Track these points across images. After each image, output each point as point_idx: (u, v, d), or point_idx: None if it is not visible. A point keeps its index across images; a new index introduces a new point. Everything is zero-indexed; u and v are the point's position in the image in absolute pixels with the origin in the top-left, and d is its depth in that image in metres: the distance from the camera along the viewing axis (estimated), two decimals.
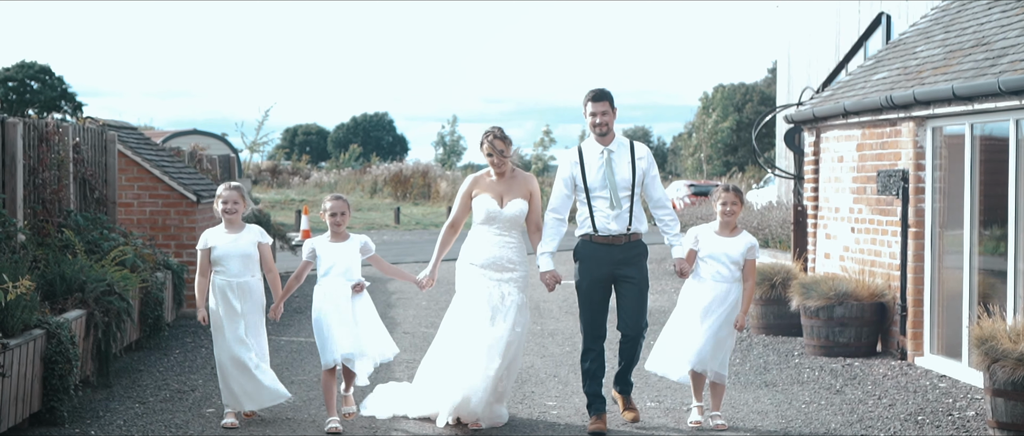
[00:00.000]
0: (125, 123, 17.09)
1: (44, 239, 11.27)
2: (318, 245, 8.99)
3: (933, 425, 9.21)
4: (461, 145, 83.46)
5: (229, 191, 9.06)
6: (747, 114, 67.10)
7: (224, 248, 8.98)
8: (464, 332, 8.89)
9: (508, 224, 9.05)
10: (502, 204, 9.05)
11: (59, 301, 9.93)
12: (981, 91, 10.21)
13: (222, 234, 9.05)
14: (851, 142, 13.30)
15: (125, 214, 14.97)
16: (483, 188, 9.14)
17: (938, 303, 11.76)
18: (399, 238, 32.33)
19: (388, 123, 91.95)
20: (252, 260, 9.04)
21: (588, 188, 8.92)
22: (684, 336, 9.06)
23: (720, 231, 9.05)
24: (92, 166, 13.44)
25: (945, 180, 11.66)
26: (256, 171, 51.99)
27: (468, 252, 9.13)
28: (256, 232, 9.11)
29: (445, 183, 47.56)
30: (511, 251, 9.04)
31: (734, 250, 9.00)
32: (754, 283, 9.18)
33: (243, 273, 8.97)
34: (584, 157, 9.00)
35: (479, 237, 9.09)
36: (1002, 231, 10.59)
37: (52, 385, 8.83)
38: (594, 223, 8.90)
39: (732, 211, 9.03)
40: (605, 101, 8.93)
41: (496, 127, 9.09)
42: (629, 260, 8.91)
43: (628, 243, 8.92)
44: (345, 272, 8.90)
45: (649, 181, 9.04)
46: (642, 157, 9.03)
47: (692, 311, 9.03)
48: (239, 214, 9.05)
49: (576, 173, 8.97)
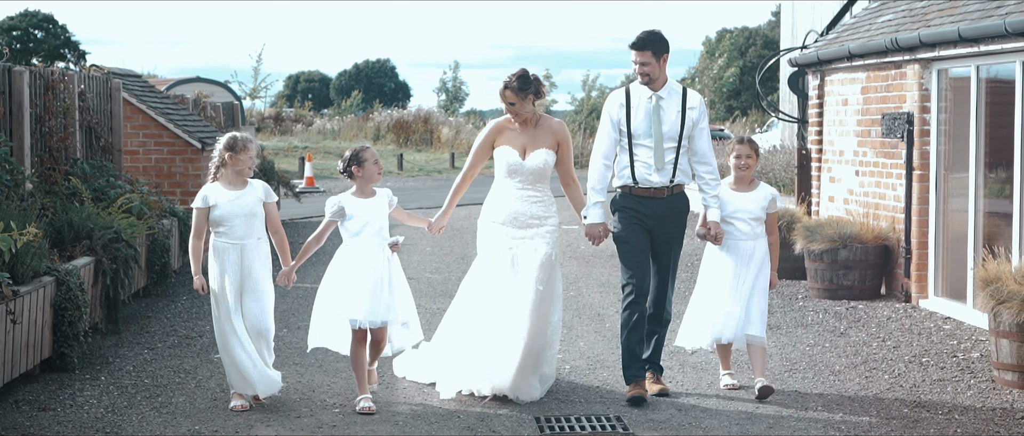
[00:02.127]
0: (130, 71, 17.09)
1: (51, 187, 11.31)
2: (347, 202, 8.05)
3: (938, 367, 9.26)
4: (463, 91, 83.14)
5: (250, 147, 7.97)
6: (751, 58, 66.87)
7: (226, 207, 7.90)
8: (484, 297, 8.22)
9: (532, 177, 8.28)
10: (524, 155, 8.28)
11: (67, 248, 9.98)
12: (987, 33, 10.18)
13: (223, 191, 7.96)
14: (856, 85, 13.28)
15: (131, 162, 15.00)
16: (505, 137, 8.37)
17: (943, 246, 11.80)
18: (402, 184, 32.37)
19: (390, 70, 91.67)
20: (258, 220, 8.00)
21: (632, 134, 8.20)
22: (713, 304, 8.49)
23: (736, 186, 8.53)
24: (98, 114, 13.45)
25: (950, 123, 11.66)
26: (259, 118, 51.91)
27: (488, 208, 8.40)
28: (261, 189, 8.06)
29: (447, 129, 47.48)
30: (536, 205, 8.29)
31: (753, 204, 8.49)
32: (778, 236, 8.67)
33: (248, 235, 7.93)
34: (631, 100, 8.24)
35: (500, 191, 8.37)
36: (1007, 174, 10.60)
37: (62, 332, 8.89)
38: (634, 173, 8.20)
39: (747, 164, 8.49)
40: (647, 50, 8.11)
41: (511, 76, 8.30)
42: (671, 215, 8.25)
43: (671, 196, 8.25)
44: (378, 231, 8.06)
45: (697, 133, 8.26)
46: (693, 106, 8.23)
47: (718, 276, 8.49)
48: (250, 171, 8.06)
49: (621, 117, 8.21)
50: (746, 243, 8.46)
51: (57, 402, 8.11)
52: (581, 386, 8.63)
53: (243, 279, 7.94)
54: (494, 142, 8.42)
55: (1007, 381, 8.58)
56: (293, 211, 21.80)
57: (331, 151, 41.51)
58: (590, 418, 7.76)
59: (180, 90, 33.01)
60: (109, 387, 8.55)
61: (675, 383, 8.70)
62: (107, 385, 8.61)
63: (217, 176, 8.00)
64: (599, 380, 8.81)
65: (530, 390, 8.13)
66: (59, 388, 8.48)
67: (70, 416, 7.79)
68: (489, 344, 8.08)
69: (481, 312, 8.20)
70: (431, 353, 8.62)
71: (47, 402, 8.10)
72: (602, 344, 10.11)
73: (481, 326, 8.17)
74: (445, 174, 37.25)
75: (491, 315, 8.13)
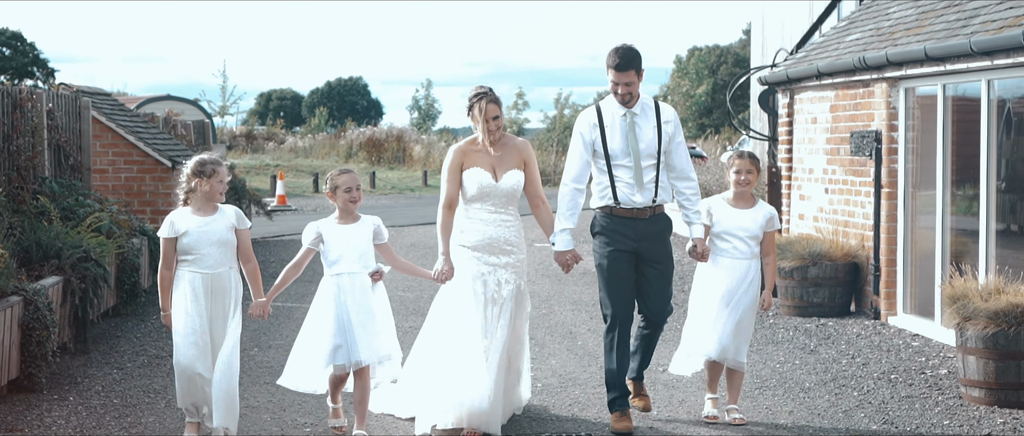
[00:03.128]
0: (99, 89, 17.01)
1: (19, 206, 11.25)
2: (325, 229, 7.58)
3: (906, 383, 9.31)
4: (436, 109, 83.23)
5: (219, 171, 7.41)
6: (722, 76, 67.14)
7: (196, 234, 7.32)
8: (456, 328, 7.75)
9: (504, 199, 7.87)
10: (496, 177, 7.85)
11: (35, 268, 9.93)
12: (953, 52, 10.28)
13: (192, 216, 7.38)
14: (825, 103, 13.36)
15: (100, 180, 14.94)
16: (472, 159, 7.87)
17: (911, 263, 11.87)
18: (375, 202, 32.33)
19: (363, 87, 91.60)
20: (230, 248, 7.42)
21: (609, 155, 7.87)
22: (703, 325, 8.14)
23: (734, 202, 8.12)
24: (66, 132, 13.39)
25: (918, 141, 11.74)
26: (230, 136, 51.80)
27: (457, 232, 7.91)
28: (233, 214, 7.48)
29: (419, 146, 47.49)
30: (508, 230, 7.88)
31: (752, 223, 8.10)
32: (775, 257, 8.31)
33: (220, 264, 7.36)
34: (604, 118, 7.92)
35: (470, 215, 7.89)
36: (974, 191, 10.69)
37: (30, 352, 8.84)
38: (615, 194, 7.87)
39: (747, 180, 8.07)
40: (631, 71, 7.80)
41: (486, 87, 7.89)
42: (654, 236, 7.92)
43: (653, 216, 7.94)
44: (360, 259, 7.56)
45: (674, 147, 7.97)
46: (668, 120, 7.95)
47: (711, 297, 8.10)
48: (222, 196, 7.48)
49: (595, 137, 7.89)
50: (742, 263, 8.09)
51: (25, 423, 8.05)
52: (553, 404, 8.64)
53: (214, 314, 7.36)
54: (462, 165, 7.89)
55: (974, 397, 8.63)
56: (265, 230, 21.74)
57: (303, 169, 41.43)
58: None
59: (150, 108, 32.93)
60: (78, 407, 8.51)
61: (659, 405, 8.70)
62: (75, 405, 8.56)
63: (187, 201, 7.45)
64: (571, 398, 8.82)
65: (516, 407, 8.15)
66: (27, 409, 8.43)
67: None
68: (461, 379, 7.64)
69: (452, 345, 7.74)
70: (406, 386, 8.17)
71: (15, 423, 8.05)
72: (574, 362, 10.12)
73: (452, 360, 7.71)
74: (418, 192, 37.24)
75: (462, 348, 7.69)
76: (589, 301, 13.30)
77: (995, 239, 10.38)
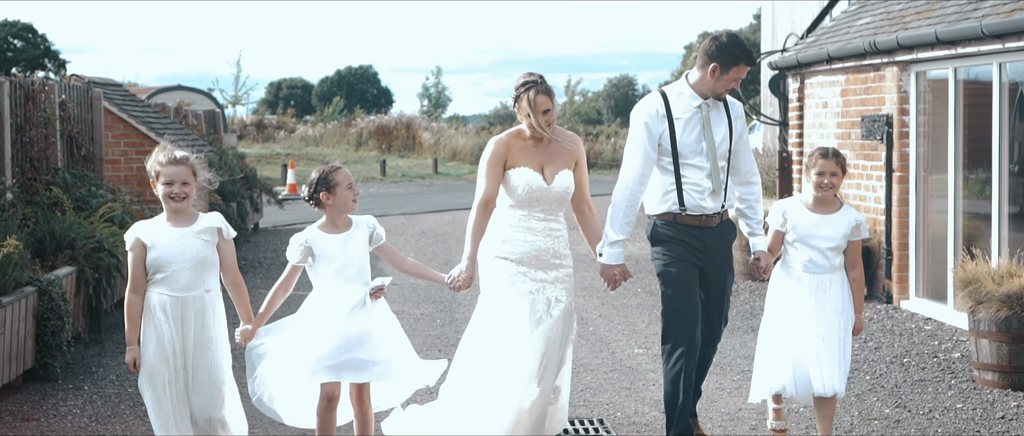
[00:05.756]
0: (110, 80, 17.05)
1: (33, 197, 11.29)
2: (314, 240, 6.30)
3: (919, 367, 9.32)
4: (446, 96, 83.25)
5: (174, 166, 6.03)
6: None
7: (166, 248, 5.98)
8: (500, 353, 6.65)
9: (555, 204, 6.76)
10: (547, 178, 6.72)
11: (49, 258, 9.97)
12: (964, 35, 10.25)
13: (163, 227, 6.04)
14: (835, 88, 13.34)
15: (112, 171, 14.97)
16: (517, 156, 6.74)
17: (923, 247, 11.86)
18: (385, 190, 32.35)
19: (373, 75, 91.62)
20: (208, 267, 6.04)
21: (678, 152, 6.73)
22: (794, 350, 6.85)
23: (815, 207, 6.90)
24: (79, 124, 13.43)
25: (929, 124, 11.73)
26: (241, 126, 51.87)
27: (498, 242, 6.75)
28: (213, 225, 6.12)
29: (429, 134, 47.47)
30: (558, 241, 6.78)
31: (834, 231, 6.85)
32: (862, 271, 7.00)
33: (195, 285, 5.99)
34: (672, 108, 6.79)
35: (514, 222, 6.75)
36: (986, 174, 10.67)
37: (45, 342, 8.89)
38: (682, 198, 6.75)
39: (831, 183, 6.85)
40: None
41: (536, 75, 6.73)
42: (721, 244, 6.90)
43: (722, 223, 6.91)
44: (357, 274, 6.29)
45: (743, 147, 6.93)
46: (738, 116, 6.91)
47: (795, 317, 6.86)
48: (190, 200, 6.06)
49: (663, 130, 6.74)
50: (822, 278, 6.86)
51: (40, 412, 8.10)
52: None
53: (187, 349, 6.03)
54: (506, 161, 6.75)
55: (987, 381, 8.63)
56: (276, 218, 21.85)
57: (314, 158, 41.45)
58: (573, 421, 7.78)
59: (161, 98, 32.99)
60: (92, 397, 8.55)
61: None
62: (90, 394, 8.61)
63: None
64: (583, 383, 8.83)
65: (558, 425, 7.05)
66: (42, 398, 8.47)
67: (54, 426, 7.79)
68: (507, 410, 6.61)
69: (496, 373, 6.65)
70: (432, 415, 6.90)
71: (30, 413, 8.09)
72: (585, 348, 10.14)
73: (497, 389, 6.63)
74: (428, 180, 37.23)
75: (508, 376, 6.62)
76: (599, 286, 13.30)
77: (1008, 222, 10.37)
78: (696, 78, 6.81)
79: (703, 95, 6.75)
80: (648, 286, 13.66)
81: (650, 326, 11.18)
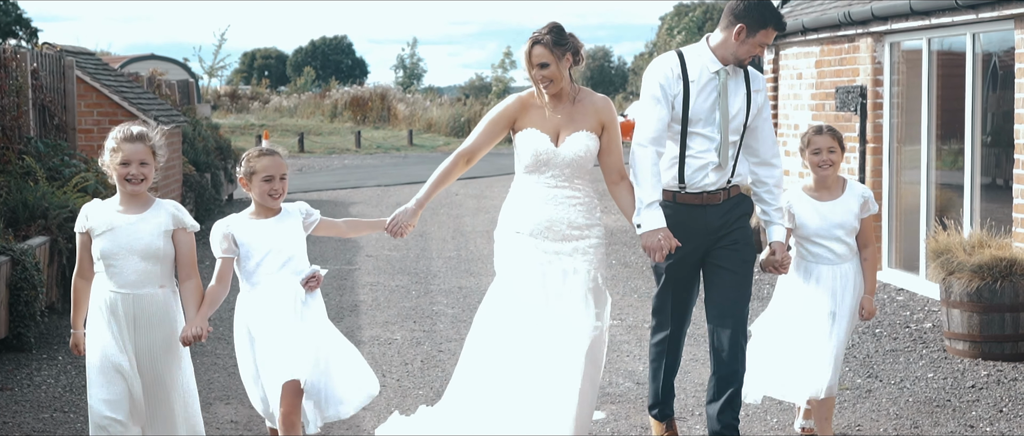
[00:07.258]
0: (83, 48, 16.93)
1: (5, 166, 11.22)
2: (237, 229, 5.66)
3: (891, 337, 9.38)
4: (421, 67, 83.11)
5: (131, 143, 5.36)
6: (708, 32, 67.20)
7: (112, 237, 5.31)
8: (512, 338, 5.92)
9: (569, 170, 5.99)
10: (557, 141, 6.00)
11: (22, 228, 9.92)
12: (938, 6, 10.28)
13: (114, 212, 5.38)
14: (810, 59, 13.37)
15: (85, 140, 14.89)
16: (530, 117, 6.06)
17: (896, 217, 11.93)
18: (360, 162, 32.30)
19: (347, 46, 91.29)
20: (160, 262, 5.36)
21: (688, 118, 6.12)
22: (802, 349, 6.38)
23: (818, 192, 6.42)
24: (51, 92, 13.34)
25: (903, 96, 11.77)
26: (215, 96, 51.63)
27: (509, 214, 6.10)
28: (170, 214, 5.41)
29: (404, 106, 47.36)
30: (575, 210, 6.01)
31: (845, 214, 6.36)
32: (876, 249, 6.49)
33: (145, 282, 5.33)
34: (688, 70, 6.16)
35: (526, 191, 6.06)
36: (959, 145, 10.73)
37: (18, 311, 8.85)
38: (682, 173, 6.15)
39: (830, 161, 6.34)
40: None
41: (547, 26, 6.04)
42: (730, 225, 6.19)
43: (728, 201, 6.22)
44: (288, 262, 5.65)
45: (762, 123, 6.26)
46: (759, 89, 6.26)
47: (807, 314, 6.40)
48: (148, 182, 5.37)
49: (678, 92, 6.11)
50: (840, 268, 6.38)
51: (14, 382, 8.08)
52: None
53: (139, 352, 5.36)
54: (514, 122, 6.10)
55: (958, 350, 8.70)
56: None
57: (289, 129, 41.32)
58: None
59: (134, 68, 32.80)
60: (66, 366, 8.53)
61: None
62: (65, 364, 8.59)
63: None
64: None
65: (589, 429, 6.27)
66: (16, 368, 8.45)
67: (28, 395, 7.77)
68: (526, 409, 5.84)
69: (511, 363, 5.90)
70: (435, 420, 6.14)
71: (4, 382, 8.07)
72: None
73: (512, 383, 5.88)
74: (403, 151, 37.19)
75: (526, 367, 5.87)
76: None
77: (980, 193, 10.43)
78: (718, 40, 6.21)
79: (724, 60, 6.14)
80: (623, 258, 13.69)
81: (624, 297, 11.21)
